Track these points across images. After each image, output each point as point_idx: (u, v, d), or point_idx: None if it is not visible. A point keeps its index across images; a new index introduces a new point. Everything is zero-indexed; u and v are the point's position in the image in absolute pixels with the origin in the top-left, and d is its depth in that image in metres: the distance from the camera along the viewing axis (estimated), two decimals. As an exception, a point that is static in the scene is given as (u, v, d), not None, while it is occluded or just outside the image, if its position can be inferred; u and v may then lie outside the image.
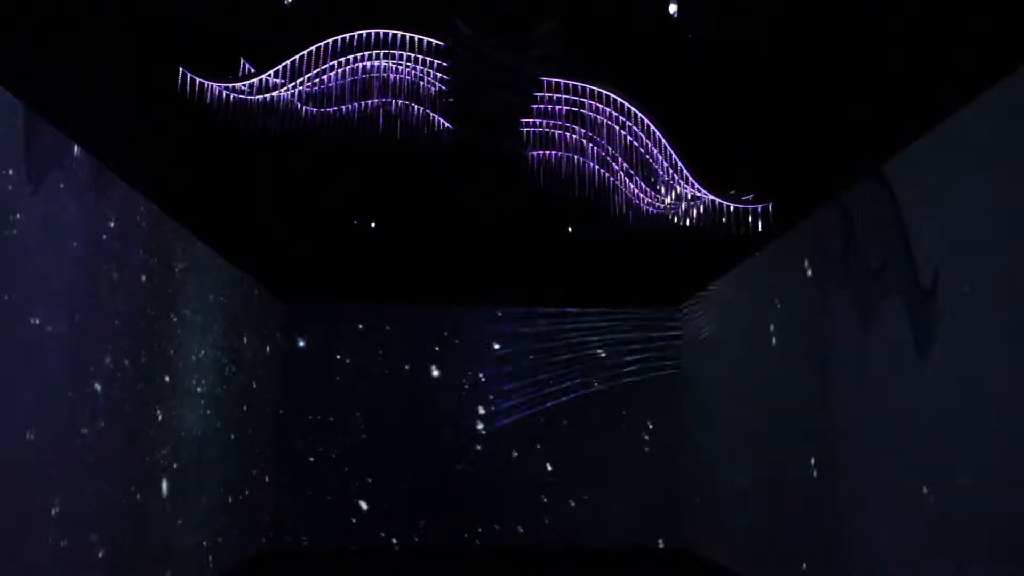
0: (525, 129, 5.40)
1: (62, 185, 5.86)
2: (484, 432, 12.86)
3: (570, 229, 8.31)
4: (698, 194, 5.44)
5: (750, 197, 5.48)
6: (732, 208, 5.52)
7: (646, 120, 5.06)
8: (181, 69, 4.74)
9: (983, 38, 4.56)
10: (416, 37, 4.70)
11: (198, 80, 4.74)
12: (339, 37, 4.60)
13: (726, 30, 4.69)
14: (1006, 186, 4.87)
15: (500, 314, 13.10)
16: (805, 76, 5.19)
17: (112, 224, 6.71)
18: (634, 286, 11.77)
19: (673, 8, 4.50)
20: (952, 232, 5.42)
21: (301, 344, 12.86)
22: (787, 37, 4.77)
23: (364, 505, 12.55)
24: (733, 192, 5.52)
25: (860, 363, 6.71)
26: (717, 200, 5.45)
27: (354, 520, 12.50)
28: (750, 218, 5.51)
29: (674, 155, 5.19)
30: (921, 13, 4.41)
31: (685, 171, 5.25)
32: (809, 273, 7.81)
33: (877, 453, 6.34)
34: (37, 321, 5.56)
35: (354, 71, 4.80)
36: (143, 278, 7.38)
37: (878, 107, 5.53)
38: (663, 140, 5.15)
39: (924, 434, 5.67)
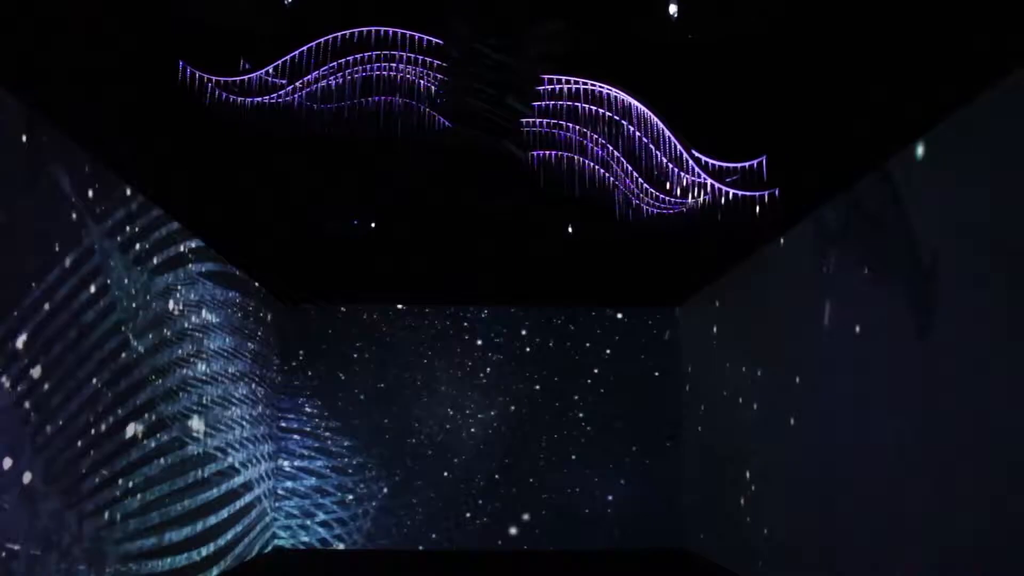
0: (525, 129, 5.39)
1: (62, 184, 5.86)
2: (483, 432, 12.86)
3: (570, 229, 8.30)
4: (702, 183, 5.40)
5: (753, 163, 5.39)
6: (739, 196, 5.46)
7: (648, 113, 5.04)
8: (181, 68, 4.74)
9: (989, 33, 4.56)
10: (416, 36, 4.70)
11: (198, 79, 4.73)
12: (338, 34, 4.60)
13: (728, 28, 4.67)
14: (1009, 180, 4.86)
15: (500, 314, 13.12)
16: (810, 71, 5.16)
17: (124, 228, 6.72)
18: (634, 286, 11.76)
19: (673, 8, 4.48)
20: (956, 228, 5.41)
21: (300, 345, 12.87)
22: (794, 29, 4.73)
23: (364, 505, 12.56)
24: (736, 177, 5.46)
25: (861, 359, 6.71)
26: (722, 187, 5.40)
27: (355, 520, 12.51)
28: (756, 208, 5.46)
29: (679, 146, 5.17)
30: (930, 6, 4.40)
31: (690, 162, 5.22)
32: (812, 269, 7.79)
33: (877, 451, 6.34)
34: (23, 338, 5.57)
35: (354, 70, 4.80)
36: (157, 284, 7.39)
37: (882, 102, 5.51)
38: (666, 132, 5.13)
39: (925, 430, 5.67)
